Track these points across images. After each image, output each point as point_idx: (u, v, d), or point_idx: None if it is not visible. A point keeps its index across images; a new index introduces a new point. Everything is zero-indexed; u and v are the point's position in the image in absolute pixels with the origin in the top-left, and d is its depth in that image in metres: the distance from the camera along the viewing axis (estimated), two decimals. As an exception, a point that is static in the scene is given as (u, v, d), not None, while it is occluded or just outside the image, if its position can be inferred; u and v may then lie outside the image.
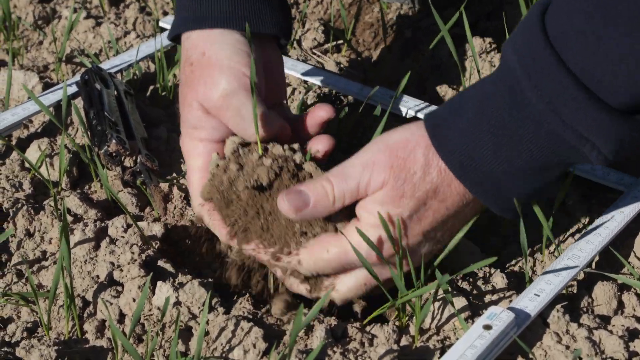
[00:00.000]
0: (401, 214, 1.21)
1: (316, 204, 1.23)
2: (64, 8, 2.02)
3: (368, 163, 1.22)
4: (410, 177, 1.20)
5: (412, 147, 1.21)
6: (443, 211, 1.22)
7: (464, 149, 1.18)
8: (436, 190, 1.21)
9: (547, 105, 1.11)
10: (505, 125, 1.15)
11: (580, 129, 1.11)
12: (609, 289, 1.31)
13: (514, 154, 1.16)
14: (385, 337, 1.24)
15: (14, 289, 1.36)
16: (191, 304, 1.24)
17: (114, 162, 1.52)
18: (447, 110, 1.21)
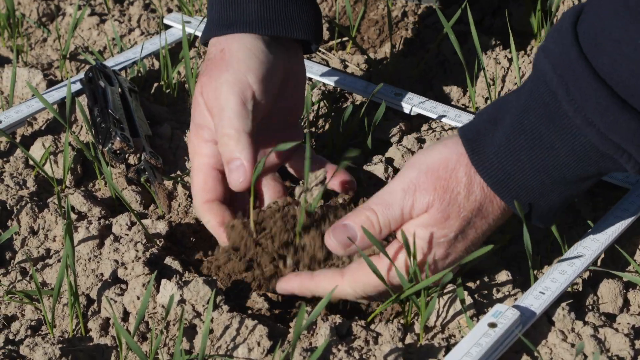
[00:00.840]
0: (447, 235, 1.21)
1: (364, 237, 1.22)
2: (68, 5, 2.02)
3: (410, 187, 1.21)
4: (454, 197, 1.20)
5: (454, 167, 1.20)
6: (485, 227, 1.23)
7: (502, 165, 1.18)
8: (480, 208, 1.21)
9: (583, 118, 1.11)
10: (542, 138, 1.15)
11: (616, 139, 1.11)
12: (615, 287, 1.31)
13: (551, 166, 1.16)
14: (390, 335, 1.23)
15: (18, 287, 1.36)
16: (195, 302, 1.24)
17: (118, 160, 1.51)
18: (483, 123, 1.20)
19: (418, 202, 1.21)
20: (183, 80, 1.78)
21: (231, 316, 1.23)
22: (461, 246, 1.23)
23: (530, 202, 1.20)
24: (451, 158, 1.21)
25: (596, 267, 1.34)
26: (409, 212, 1.21)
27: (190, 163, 1.39)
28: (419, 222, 1.21)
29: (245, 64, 1.30)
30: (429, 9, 1.95)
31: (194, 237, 1.44)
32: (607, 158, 1.14)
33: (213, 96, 1.31)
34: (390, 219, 1.22)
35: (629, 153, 1.12)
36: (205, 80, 1.33)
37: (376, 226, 1.22)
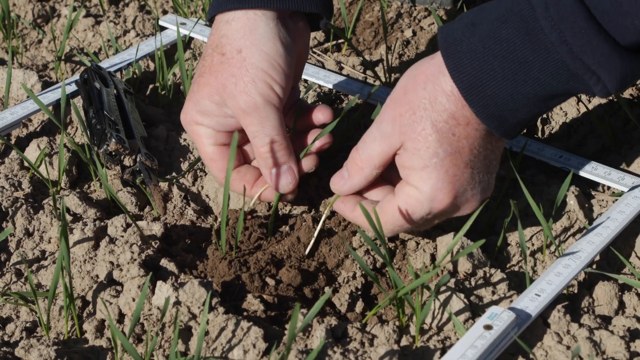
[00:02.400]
0: (436, 152, 1.22)
1: (351, 176, 1.30)
2: (64, 6, 2.02)
3: (380, 121, 1.25)
4: (422, 114, 1.22)
5: (411, 88, 1.23)
6: (473, 134, 1.23)
7: (474, 71, 1.19)
8: (454, 116, 1.21)
9: (558, 35, 1.13)
10: (516, 50, 1.16)
11: (588, 61, 1.13)
12: (610, 289, 1.31)
13: (522, 79, 1.17)
14: (385, 337, 1.23)
15: (13, 289, 1.36)
16: (191, 304, 1.24)
17: (114, 162, 1.51)
18: (462, 27, 1.21)
19: (390, 132, 1.24)
20: (178, 82, 1.78)
21: (227, 318, 1.22)
22: (461, 162, 1.23)
23: (496, 114, 1.20)
24: (407, 82, 1.24)
25: (592, 270, 1.35)
26: (386, 145, 1.25)
27: (194, 142, 1.43)
28: (406, 153, 1.24)
29: (270, 77, 1.34)
30: (424, 11, 1.95)
31: (189, 239, 1.43)
32: (576, 78, 1.15)
33: (247, 106, 1.34)
34: (370, 155, 1.27)
35: (598, 75, 1.14)
36: (227, 84, 1.35)
37: (358, 163, 1.29)
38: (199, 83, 1.37)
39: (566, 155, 1.51)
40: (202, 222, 1.47)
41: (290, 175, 1.38)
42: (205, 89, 1.36)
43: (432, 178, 1.23)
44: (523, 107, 1.20)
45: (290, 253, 1.37)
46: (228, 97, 1.34)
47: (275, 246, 1.38)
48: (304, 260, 1.36)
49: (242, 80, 1.33)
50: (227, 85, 1.34)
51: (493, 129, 1.22)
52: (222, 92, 1.35)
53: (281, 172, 1.38)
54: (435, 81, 1.21)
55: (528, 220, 1.43)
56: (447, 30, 1.22)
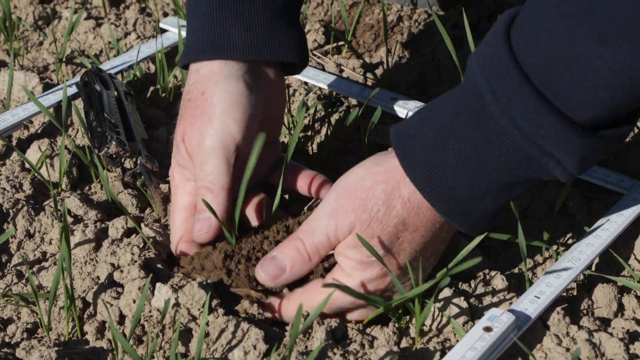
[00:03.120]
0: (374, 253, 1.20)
1: (293, 267, 1.24)
2: (64, 9, 2.02)
3: (332, 212, 1.21)
4: (374, 215, 1.19)
5: (370, 186, 1.20)
6: (418, 240, 1.21)
7: (429, 165, 1.16)
8: (405, 222, 1.20)
9: (509, 120, 1.09)
10: (469, 140, 1.13)
11: (543, 143, 1.09)
12: (609, 291, 1.31)
13: (478, 170, 1.14)
14: (385, 338, 1.24)
15: (14, 290, 1.36)
16: (191, 306, 1.24)
17: (114, 164, 1.51)
18: (414, 124, 1.19)
19: (340, 225, 1.21)
20: (179, 84, 1.78)
21: (227, 319, 1.23)
22: (395, 264, 1.22)
23: (458, 208, 1.18)
24: (366, 177, 1.21)
25: (591, 272, 1.35)
26: (334, 236, 1.22)
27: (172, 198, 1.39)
28: (345, 244, 1.22)
29: (229, 116, 1.30)
30: (425, 14, 1.95)
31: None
32: (534, 162, 1.11)
33: (196, 146, 1.31)
34: (318, 245, 1.23)
35: (556, 158, 1.10)
36: (187, 127, 1.32)
37: (304, 254, 1.23)
38: (175, 134, 1.36)
39: (566, 157, 1.51)
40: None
41: (206, 224, 1.31)
42: (176, 141, 1.35)
43: (366, 273, 1.22)
44: (486, 198, 1.16)
45: None
46: (187, 143, 1.32)
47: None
48: None
49: (200, 120, 1.30)
50: (187, 129, 1.32)
51: (456, 224, 1.19)
52: (185, 141, 1.32)
53: (200, 218, 1.32)
54: (395, 185, 1.19)
55: (527, 222, 1.43)
56: (400, 126, 1.20)
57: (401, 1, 1.97)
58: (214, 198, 1.30)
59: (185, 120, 1.33)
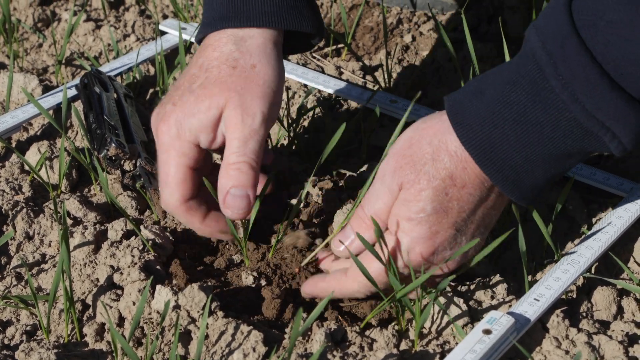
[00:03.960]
0: (424, 208, 1.20)
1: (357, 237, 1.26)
2: (64, 11, 2.02)
3: (382, 175, 1.23)
4: (421, 168, 1.20)
5: (417, 141, 1.21)
6: (467, 198, 1.21)
7: (485, 136, 1.17)
8: (452, 176, 1.20)
9: (570, 94, 1.11)
10: (527, 112, 1.15)
11: (601, 117, 1.11)
12: (609, 294, 1.31)
13: (535, 140, 1.16)
14: (384, 341, 1.24)
15: (13, 292, 1.36)
16: (190, 308, 1.24)
17: (114, 166, 1.51)
18: (467, 96, 1.20)
19: (390, 185, 1.22)
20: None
21: (226, 322, 1.23)
22: (446, 222, 1.22)
23: (512, 177, 1.19)
24: (413, 136, 1.22)
25: (590, 274, 1.35)
26: (389, 198, 1.23)
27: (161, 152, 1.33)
28: (397, 202, 1.22)
29: (275, 100, 1.32)
30: (424, 16, 1.95)
31: (188, 243, 1.44)
32: (591, 136, 1.14)
33: (242, 122, 1.30)
34: (377, 211, 1.24)
35: (613, 132, 1.12)
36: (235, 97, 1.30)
37: (366, 221, 1.25)
38: (198, 95, 1.31)
39: (565, 160, 1.51)
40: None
41: (245, 202, 1.30)
42: (205, 102, 1.30)
43: (414, 232, 1.22)
44: (539, 168, 1.18)
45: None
46: (228, 109, 1.30)
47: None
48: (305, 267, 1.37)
49: (251, 95, 1.30)
50: (234, 99, 1.30)
51: (508, 193, 1.20)
52: (222, 106, 1.30)
53: (239, 195, 1.30)
54: (441, 138, 1.20)
55: (527, 225, 1.43)
56: (453, 98, 1.21)
57: (401, 4, 1.98)
58: (253, 175, 1.30)
59: (228, 87, 1.30)
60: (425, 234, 1.22)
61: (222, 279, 1.36)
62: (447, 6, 1.95)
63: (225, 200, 1.30)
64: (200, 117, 1.30)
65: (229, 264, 1.39)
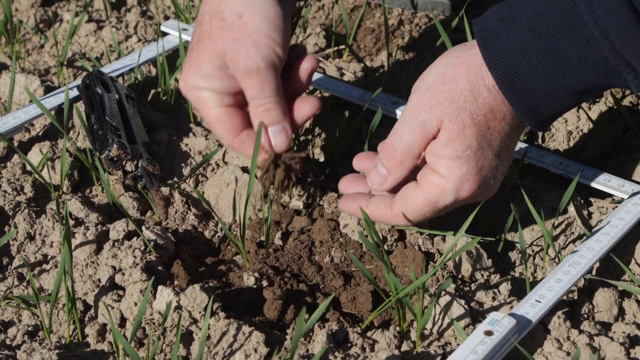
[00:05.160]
0: (470, 145, 1.22)
1: (391, 171, 1.28)
2: (66, 12, 2.02)
3: (415, 109, 1.24)
4: (462, 106, 1.21)
5: (452, 77, 1.22)
6: (505, 127, 1.23)
7: (512, 63, 1.19)
8: (492, 110, 1.22)
9: (602, 31, 1.14)
10: (556, 44, 1.17)
11: (629, 57, 1.14)
12: (610, 296, 1.31)
13: (560, 73, 1.18)
14: (386, 342, 1.24)
15: (15, 292, 1.36)
16: (192, 309, 1.24)
17: (115, 167, 1.52)
18: (497, 21, 1.21)
19: (427, 121, 1.23)
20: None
21: (228, 323, 1.23)
22: (490, 154, 1.23)
23: (532, 107, 1.21)
24: (446, 71, 1.23)
25: (592, 276, 1.35)
26: (422, 134, 1.24)
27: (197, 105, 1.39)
28: (440, 141, 1.23)
29: (273, 40, 1.33)
30: (425, 17, 1.95)
31: (190, 244, 1.44)
32: (615, 73, 1.17)
33: (249, 69, 1.33)
34: (407, 146, 1.25)
35: (637, 71, 1.15)
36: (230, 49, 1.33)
37: (396, 156, 1.27)
38: (198, 49, 1.36)
39: (566, 162, 1.52)
40: (204, 227, 1.48)
41: (284, 135, 1.36)
42: (206, 54, 1.35)
43: (462, 169, 1.23)
44: (558, 100, 1.21)
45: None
46: (230, 61, 1.33)
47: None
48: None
49: (244, 44, 1.33)
50: (229, 50, 1.33)
51: (526, 121, 1.23)
52: (223, 57, 1.34)
53: (277, 131, 1.36)
54: (478, 73, 1.22)
55: (528, 227, 1.43)
56: (483, 22, 1.22)
57: (402, 5, 1.98)
58: (281, 108, 1.36)
59: (224, 40, 1.34)
60: (473, 169, 1.23)
61: (223, 279, 1.37)
62: (447, 7, 1.95)
63: (267, 141, 1.36)
64: (207, 68, 1.35)
65: (231, 265, 1.40)
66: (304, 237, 1.42)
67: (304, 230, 1.43)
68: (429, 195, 1.26)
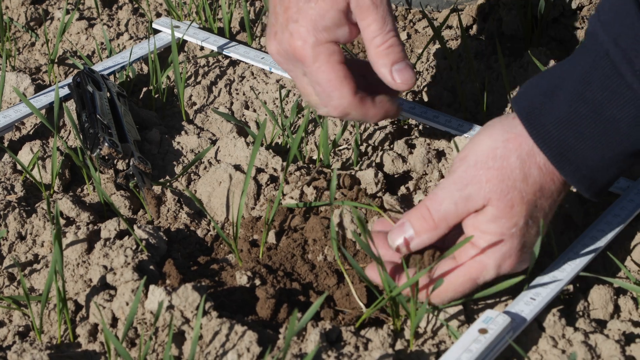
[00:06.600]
0: (517, 223, 1.20)
1: (419, 234, 1.24)
2: (57, 9, 2.01)
3: (461, 181, 1.21)
4: (512, 184, 1.19)
5: (502, 154, 1.20)
6: (551, 204, 1.22)
7: (562, 137, 1.17)
8: (542, 189, 1.20)
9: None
10: (603, 109, 1.15)
11: None
12: (605, 293, 1.31)
13: (611, 139, 1.16)
14: (380, 341, 1.23)
15: (5, 293, 1.35)
16: (184, 308, 1.23)
17: (107, 165, 1.51)
18: (538, 96, 1.20)
19: (473, 196, 1.20)
20: (172, 85, 1.77)
21: (220, 322, 1.22)
22: (535, 230, 1.22)
23: (588, 177, 1.19)
24: (497, 146, 1.21)
25: (587, 273, 1.34)
26: (464, 207, 1.21)
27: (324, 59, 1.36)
28: (485, 217, 1.21)
29: None
30: (419, 14, 1.94)
31: (182, 243, 1.43)
32: None
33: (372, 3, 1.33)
34: (445, 214, 1.22)
35: None
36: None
37: (430, 222, 1.23)
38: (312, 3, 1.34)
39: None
40: (196, 226, 1.47)
41: (410, 71, 1.35)
42: (326, 5, 1.34)
43: (506, 246, 1.21)
44: (612, 166, 1.19)
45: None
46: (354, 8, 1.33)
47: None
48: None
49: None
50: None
51: (583, 191, 1.21)
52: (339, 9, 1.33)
53: (403, 68, 1.35)
54: (530, 151, 1.20)
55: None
56: (523, 100, 1.20)
57: (396, 1, 1.97)
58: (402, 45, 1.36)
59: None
60: (516, 246, 1.22)
61: (216, 278, 1.36)
62: (442, 4, 1.95)
63: (394, 78, 1.35)
64: (332, 14, 1.34)
65: (224, 264, 1.39)
66: (297, 236, 1.41)
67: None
68: (470, 272, 1.23)
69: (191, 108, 1.73)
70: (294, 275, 1.37)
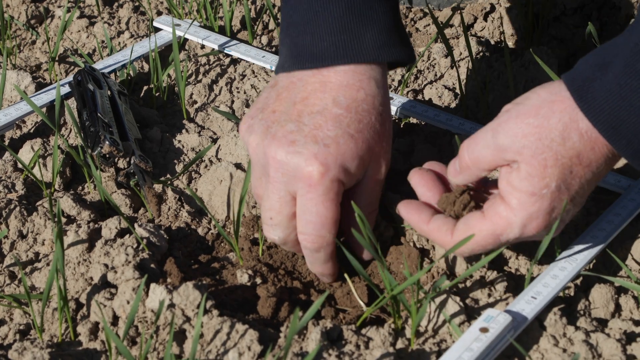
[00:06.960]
0: (549, 185, 1.19)
1: (461, 170, 1.25)
2: (57, 7, 2.01)
3: (501, 130, 1.21)
4: (548, 144, 1.18)
5: (545, 114, 1.19)
6: (589, 176, 1.20)
7: (614, 110, 1.16)
8: (579, 156, 1.19)
9: None
10: None
11: None
12: (606, 292, 1.31)
13: None
14: (381, 339, 1.23)
15: (6, 291, 1.35)
16: (185, 307, 1.23)
17: (108, 164, 1.51)
18: (590, 68, 1.19)
19: (508, 146, 1.20)
20: (173, 83, 1.77)
21: (221, 321, 1.22)
22: (566, 198, 1.20)
23: (636, 148, 1.17)
24: (542, 105, 1.20)
25: (588, 272, 1.34)
26: (498, 155, 1.21)
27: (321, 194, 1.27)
28: (518, 174, 1.20)
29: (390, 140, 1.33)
30: (420, 12, 1.94)
31: (183, 241, 1.43)
32: None
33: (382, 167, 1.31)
34: (477, 157, 1.23)
35: None
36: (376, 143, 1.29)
37: (465, 161, 1.24)
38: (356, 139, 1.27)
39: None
40: (197, 224, 1.47)
41: None
42: (351, 147, 1.27)
43: (535, 206, 1.20)
44: None
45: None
46: (372, 160, 1.30)
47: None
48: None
49: (383, 142, 1.30)
50: (374, 148, 1.29)
51: (637, 165, 1.19)
52: (367, 153, 1.28)
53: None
54: (573, 117, 1.18)
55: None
56: (573, 74, 1.19)
57: (396, 0, 1.97)
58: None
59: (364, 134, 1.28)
60: (545, 208, 1.20)
61: (217, 277, 1.36)
62: (443, 2, 1.95)
63: None
64: (355, 163, 1.28)
65: (225, 263, 1.39)
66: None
67: None
68: (494, 227, 1.22)
69: (192, 106, 1.73)
70: (294, 273, 1.37)
